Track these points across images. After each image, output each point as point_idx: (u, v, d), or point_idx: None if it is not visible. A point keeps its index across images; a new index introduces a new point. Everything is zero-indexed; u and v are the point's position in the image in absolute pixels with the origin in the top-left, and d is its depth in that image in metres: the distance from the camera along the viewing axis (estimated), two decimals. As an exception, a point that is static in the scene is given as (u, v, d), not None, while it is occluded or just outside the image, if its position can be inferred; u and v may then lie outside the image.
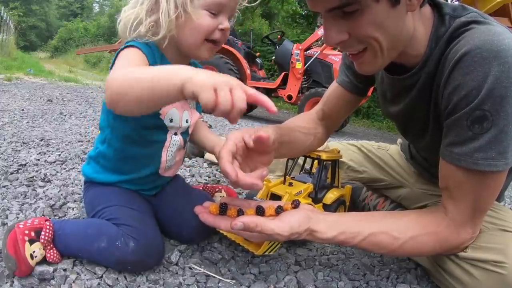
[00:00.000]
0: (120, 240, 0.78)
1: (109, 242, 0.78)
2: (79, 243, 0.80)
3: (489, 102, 0.70)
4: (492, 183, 0.77)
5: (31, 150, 1.68)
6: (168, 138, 0.92)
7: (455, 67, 0.75)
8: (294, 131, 1.06)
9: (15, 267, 0.72)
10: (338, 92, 1.14)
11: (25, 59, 11.03)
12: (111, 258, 0.78)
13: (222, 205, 0.82)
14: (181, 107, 0.93)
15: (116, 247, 0.77)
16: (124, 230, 0.80)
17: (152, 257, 0.82)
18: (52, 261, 0.78)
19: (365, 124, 9.09)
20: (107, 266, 0.81)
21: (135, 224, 0.82)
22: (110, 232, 0.79)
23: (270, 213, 0.81)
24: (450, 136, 0.78)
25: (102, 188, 0.92)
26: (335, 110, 1.17)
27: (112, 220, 0.83)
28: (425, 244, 0.82)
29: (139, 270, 0.82)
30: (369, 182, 1.37)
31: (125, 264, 0.79)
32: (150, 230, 0.84)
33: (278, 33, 6.36)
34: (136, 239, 0.79)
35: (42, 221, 0.80)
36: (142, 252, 0.79)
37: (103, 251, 0.78)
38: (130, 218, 0.84)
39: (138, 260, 0.79)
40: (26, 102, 3.32)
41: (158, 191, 1.01)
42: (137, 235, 0.79)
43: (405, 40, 0.81)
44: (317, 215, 0.82)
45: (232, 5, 0.85)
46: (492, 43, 0.70)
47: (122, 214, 0.84)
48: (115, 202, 0.88)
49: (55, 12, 37.80)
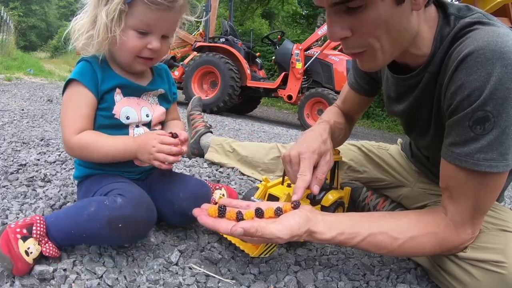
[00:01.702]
0: (108, 199, 0.80)
1: (98, 204, 0.79)
2: (70, 219, 0.81)
3: (491, 103, 0.70)
4: (493, 184, 0.77)
5: (31, 150, 1.68)
6: (130, 132, 0.96)
7: (458, 67, 0.75)
8: (335, 128, 1.12)
9: (11, 265, 0.72)
10: (351, 92, 1.21)
11: (25, 59, 11.04)
12: (101, 220, 0.77)
13: (220, 208, 0.82)
14: (137, 104, 0.97)
15: (105, 206, 0.78)
16: (112, 193, 0.83)
17: (141, 212, 0.81)
18: (49, 255, 0.78)
19: (365, 124, 9.10)
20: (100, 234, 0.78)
21: (121, 186, 0.87)
22: (99, 199, 0.82)
23: (270, 215, 0.81)
24: (451, 136, 0.78)
25: (92, 178, 0.96)
26: (351, 108, 1.24)
27: (102, 194, 0.86)
28: (425, 244, 0.82)
29: (131, 231, 0.80)
30: (369, 182, 1.38)
31: (116, 222, 0.77)
32: (136, 190, 0.87)
33: (278, 33, 6.37)
34: (124, 196, 0.81)
35: (33, 218, 0.81)
36: (130, 206, 0.79)
37: (93, 216, 0.78)
38: (117, 184, 0.89)
39: (128, 215, 0.78)
40: (26, 102, 3.32)
41: (146, 176, 1.03)
42: (124, 192, 0.82)
43: (409, 39, 0.81)
44: (316, 215, 0.82)
45: (163, 25, 0.88)
46: (496, 44, 0.70)
47: (111, 187, 0.88)
48: (105, 182, 0.91)
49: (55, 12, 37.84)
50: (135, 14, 0.84)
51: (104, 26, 0.84)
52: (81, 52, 0.91)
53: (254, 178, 1.65)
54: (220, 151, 1.80)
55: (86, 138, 0.87)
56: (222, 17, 10.49)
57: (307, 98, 5.16)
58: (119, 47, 0.88)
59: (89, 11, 0.88)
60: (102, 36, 0.84)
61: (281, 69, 5.68)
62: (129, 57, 0.89)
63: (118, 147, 0.88)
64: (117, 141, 0.89)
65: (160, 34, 0.88)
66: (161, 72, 1.05)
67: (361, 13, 0.73)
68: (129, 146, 0.88)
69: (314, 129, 1.04)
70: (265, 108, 9.53)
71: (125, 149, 0.88)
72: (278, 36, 6.16)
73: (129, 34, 0.86)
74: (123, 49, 0.88)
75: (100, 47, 0.87)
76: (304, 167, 0.91)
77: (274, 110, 9.50)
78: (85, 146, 0.87)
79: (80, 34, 0.88)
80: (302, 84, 5.36)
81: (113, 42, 0.86)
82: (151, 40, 0.87)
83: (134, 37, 0.86)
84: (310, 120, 5.15)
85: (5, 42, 10.94)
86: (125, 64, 0.92)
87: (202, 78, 5.56)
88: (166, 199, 0.96)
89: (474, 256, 0.82)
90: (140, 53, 0.89)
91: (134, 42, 0.87)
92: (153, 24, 0.86)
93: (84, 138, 0.87)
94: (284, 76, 5.49)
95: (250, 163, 1.68)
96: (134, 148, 0.87)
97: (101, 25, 0.84)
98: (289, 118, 7.78)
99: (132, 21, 0.85)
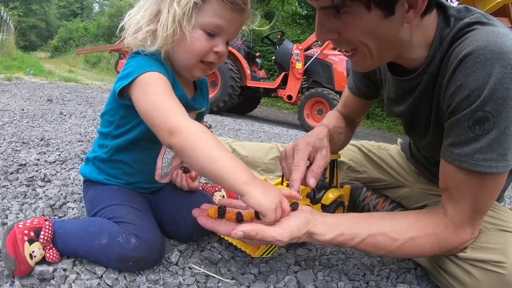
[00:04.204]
0: (121, 236, 0.78)
1: (110, 238, 0.78)
2: (80, 241, 0.80)
3: (490, 103, 0.70)
4: (492, 185, 0.77)
5: (31, 150, 1.68)
6: (162, 150, 0.94)
7: (458, 68, 0.74)
8: (335, 132, 1.13)
9: (15, 267, 0.72)
10: (350, 96, 1.21)
11: (25, 59, 11.02)
12: (112, 254, 0.78)
13: (220, 208, 0.82)
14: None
15: (118, 243, 0.78)
16: (125, 227, 0.80)
17: (153, 254, 0.82)
18: (51, 261, 0.78)
19: (365, 124, 9.08)
20: (108, 263, 0.81)
21: (136, 222, 0.82)
22: (111, 229, 0.80)
23: None
24: (451, 136, 0.78)
25: (101, 187, 0.93)
26: (351, 111, 1.25)
27: (113, 218, 0.83)
28: (424, 245, 0.82)
29: (140, 267, 0.82)
30: (369, 182, 1.37)
31: (127, 260, 0.78)
32: (151, 228, 0.84)
33: (278, 33, 6.36)
34: (138, 236, 0.79)
35: (41, 221, 0.80)
36: (143, 249, 0.79)
37: (104, 248, 0.78)
38: (131, 216, 0.84)
39: (139, 256, 0.79)
40: (26, 102, 3.32)
41: (155, 190, 1.02)
42: (138, 232, 0.80)
43: (398, 47, 0.81)
44: (315, 217, 0.81)
45: (232, 28, 0.83)
46: (495, 44, 0.70)
47: (123, 212, 0.85)
48: (115, 201, 0.88)
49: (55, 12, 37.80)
50: (208, 11, 0.79)
51: (173, 19, 0.77)
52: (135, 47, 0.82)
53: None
54: (220, 151, 1.80)
55: (200, 130, 0.71)
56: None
57: (307, 98, 5.16)
58: (183, 48, 0.81)
59: (149, 5, 0.81)
60: (170, 31, 0.77)
61: (281, 69, 5.68)
62: (193, 60, 0.82)
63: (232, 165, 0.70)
64: (233, 158, 0.72)
65: (227, 38, 0.83)
66: (203, 87, 0.99)
67: (348, 21, 0.75)
68: (247, 176, 0.69)
69: (312, 131, 1.07)
70: (265, 108, 9.52)
71: (240, 174, 0.69)
72: (278, 36, 6.16)
73: (198, 34, 0.79)
74: (187, 50, 0.81)
75: (165, 43, 0.79)
76: (298, 159, 0.92)
77: (274, 110, 9.49)
78: (193, 139, 0.70)
79: (137, 28, 0.80)
80: (302, 84, 5.36)
81: (180, 39, 0.79)
82: (218, 43, 0.82)
83: (202, 38, 0.80)
84: (310, 120, 5.15)
85: (5, 42, 10.93)
86: (186, 67, 0.85)
87: (202, 78, 5.56)
88: (173, 219, 0.96)
89: (474, 256, 0.82)
90: (206, 57, 0.83)
91: (202, 43, 0.80)
92: (224, 25, 0.80)
93: (197, 130, 0.71)
94: (284, 76, 5.49)
95: (250, 163, 1.68)
96: (253, 185, 0.69)
97: (169, 18, 0.77)
98: (289, 118, 7.78)
99: (203, 18, 0.79)
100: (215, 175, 0.69)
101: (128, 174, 0.93)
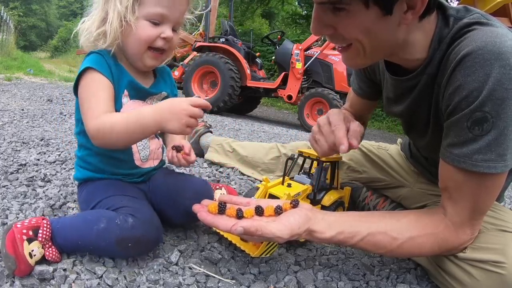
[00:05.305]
0: (119, 218, 0.80)
1: (109, 222, 0.79)
2: (78, 231, 0.81)
3: (489, 103, 0.70)
4: (491, 185, 0.77)
5: (31, 150, 1.68)
6: None
7: (456, 68, 0.74)
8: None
9: (15, 266, 0.72)
10: (355, 97, 1.22)
11: (25, 59, 11.03)
12: (111, 237, 0.78)
13: (220, 204, 0.82)
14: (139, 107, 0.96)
15: (116, 224, 0.79)
16: (122, 210, 0.83)
17: (151, 233, 0.83)
18: (51, 259, 0.78)
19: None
20: (107, 249, 0.80)
21: (132, 205, 0.86)
22: (109, 215, 0.82)
23: (270, 213, 0.81)
24: (450, 137, 0.78)
25: (94, 183, 0.96)
26: (358, 111, 1.24)
27: (110, 208, 0.86)
28: (424, 245, 0.82)
29: (139, 250, 0.82)
30: (369, 182, 1.38)
31: (126, 242, 0.78)
32: (146, 209, 0.87)
33: (278, 33, 6.36)
34: (135, 216, 0.81)
35: (39, 220, 0.81)
36: (141, 227, 0.80)
37: (103, 232, 0.78)
38: (126, 201, 0.88)
39: (138, 236, 0.80)
40: (26, 102, 3.32)
41: (147, 178, 1.04)
42: (135, 212, 0.82)
43: (392, 47, 0.81)
44: (316, 214, 0.82)
45: (175, 15, 0.89)
46: (494, 44, 0.70)
47: (118, 200, 0.87)
48: (109, 193, 0.90)
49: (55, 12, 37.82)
50: (149, 2, 0.85)
51: (118, 15, 0.84)
52: (89, 48, 0.90)
53: (254, 178, 1.65)
54: (220, 151, 1.80)
55: (104, 120, 0.81)
56: (222, 17, 10.49)
57: (307, 98, 5.16)
58: (132, 38, 0.87)
59: (98, 10, 0.89)
60: (116, 26, 0.84)
61: (281, 69, 5.68)
62: (142, 48, 0.88)
63: (139, 120, 0.79)
64: (135, 114, 0.81)
65: (172, 24, 0.89)
66: (163, 74, 1.05)
67: (345, 17, 0.74)
68: (148, 116, 0.78)
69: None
70: (265, 108, 9.52)
71: (143, 119, 0.78)
72: (278, 36, 6.16)
73: (143, 24, 0.86)
74: (136, 40, 0.87)
75: (114, 39, 0.87)
76: (335, 121, 0.92)
77: (274, 110, 9.49)
78: (104, 129, 0.80)
79: (88, 32, 0.88)
80: (302, 84, 5.36)
81: (127, 31, 0.86)
82: (164, 29, 0.88)
83: (147, 26, 0.86)
84: (310, 120, 5.14)
85: (5, 42, 10.93)
86: (136, 56, 0.91)
87: (202, 78, 5.56)
88: (170, 198, 0.97)
89: (473, 256, 0.82)
90: (154, 43, 0.88)
91: (147, 31, 0.87)
92: (166, 12, 0.86)
93: (102, 121, 0.81)
94: (284, 76, 5.49)
95: (250, 163, 1.68)
96: (157, 117, 0.78)
97: (114, 16, 0.84)
98: (289, 118, 7.78)
99: (146, 9, 0.86)
100: (139, 135, 0.83)
101: (110, 164, 0.96)
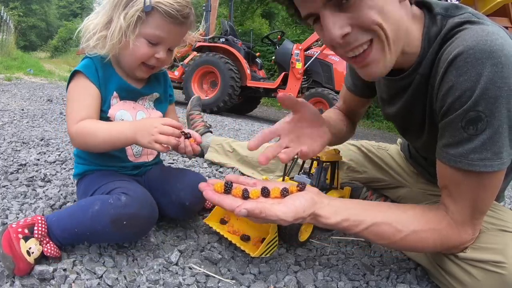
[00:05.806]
0: (112, 198, 0.81)
1: (103, 203, 0.80)
2: (74, 218, 0.81)
3: (483, 103, 0.69)
4: (489, 183, 0.77)
5: (31, 150, 1.68)
6: None
7: (449, 68, 0.74)
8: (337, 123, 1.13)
9: (13, 265, 0.72)
10: (348, 94, 1.20)
11: (25, 59, 11.03)
12: (106, 219, 0.79)
13: (227, 184, 0.81)
14: (132, 108, 0.99)
15: (109, 204, 0.80)
16: (115, 191, 0.85)
17: (145, 210, 0.83)
18: (50, 255, 0.78)
19: (365, 124, 9.09)
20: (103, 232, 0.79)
21: (125, 185, 0.88)
22: (103, 198, 0.83)
23: (276, 195, 0.81)
24: (445, 137, 0.78)
25: (90, 176, 0.98)
26: (350, 108, 1.24)
27: (104, 193, 0.88)
28: (427, 239, 0.82)
29: (135, 228, 0.82)
30: (369, 182, 1.38)
31: (120, 220, 0.79)
32: (139, 189, 0.89)
33: (278, 33, 6.36)
34: (128, 194, 0.83)
35: (34, 218, 0.81)
36: (134, 204, 0.81)
37: (97, 214, 0.79)
38: (119, 183, 0.90)
39: (132, 213, 0.80)
40: (26, 102, 3.32)
41: (143, 172, 1.05)
42: (128, 191, 0.84)
43: (405, 32, 0.79)
44: (322, 199, 0.81)
45: (172, 38, 0.93)
46: (485, 43, 0.69)
47: (112, 185, 0.89)
48: (105, 181, 0.92)
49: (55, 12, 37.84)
50: (150, 23, 0.89)
51: (120, 30, 0.88)
52: (90, 51, 0.93)
53: (254, 178, 1.65)
54: (220, 151, 1.80)
55: (84, 125, 0.87)
56: (222, 17, 10.49)
57: (307, 98, 5.15)
58: (128, 52, 0.92)
59: (104, 13, 0.92)
60: (116, 39, 0.89)
61: (281, 69, 5.68)
62: (135, 63, 0.94)
63: (113, 131, 0.87)
64: (113, 125, 0.90)
65: (168, 46, 0.94)
66: (158, 75, 1.07)
67: (357, 4, 0.71)
68: (126, 129, 0.86)
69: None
70: (265, 108, 9.52)
71: (122, 132, 0.86)
72: (278, 36, 6.16)
73: (140, 42, 0.91)
74: (131, 55, 0.92)
75: (112, 49, 0.91)
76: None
77: (274, 110, 9.49)
78: (82, 134, 0.87)
79: (92, 33, 0.91)
80: (302, 84, 5.36)
81: (125, 46, 0.91)
82: (159, 50, 0.93)
83: (144, 45, 0.91)
84: (310, 120, 5.14)
85: (5, 42, 10.93)
86: (129, 68, 0.96)
87: (202, 78, 5.56)
88: (164, 190, 0.98)
89: (474, 256, 0.82)
90: (147, 61, 0.94)
91: (144, 50, 0.91)
92: (164, 36, 0.91)
93: (82, 126, 0.87)
94: (284, 76, 5.49)
95: (250, 163, 1.68)
96: (132, 130, 0.85)
97: (116, 28, 0.88)
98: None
99: (146, 30, 0.90)
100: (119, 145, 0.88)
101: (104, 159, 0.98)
